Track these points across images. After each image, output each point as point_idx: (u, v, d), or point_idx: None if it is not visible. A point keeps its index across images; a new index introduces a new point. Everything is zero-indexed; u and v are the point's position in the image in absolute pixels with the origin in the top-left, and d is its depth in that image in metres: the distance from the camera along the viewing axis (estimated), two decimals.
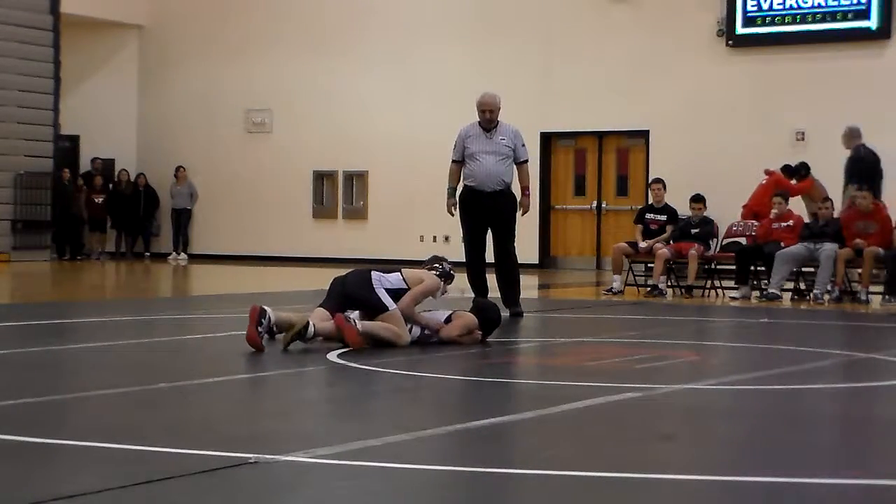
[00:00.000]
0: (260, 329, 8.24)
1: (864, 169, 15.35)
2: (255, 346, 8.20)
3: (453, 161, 11.93)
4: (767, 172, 16.95)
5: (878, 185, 15.35)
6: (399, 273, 8.77)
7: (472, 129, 11.85)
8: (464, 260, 12.04)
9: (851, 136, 15.85)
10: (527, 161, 12.02)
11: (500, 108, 11.80)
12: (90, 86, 25.78)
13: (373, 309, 8.53)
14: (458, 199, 11.91)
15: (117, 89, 25.84)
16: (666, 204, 16.06)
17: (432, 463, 4.81)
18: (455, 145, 11.92)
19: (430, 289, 8.79)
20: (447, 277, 9.00)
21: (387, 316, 8.54)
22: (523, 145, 11.96)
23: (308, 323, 8.33)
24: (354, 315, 8.45)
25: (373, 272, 8.72)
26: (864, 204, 14.50)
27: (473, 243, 11.87)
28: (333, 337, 8.43)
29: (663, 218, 15.94)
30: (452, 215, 12.02)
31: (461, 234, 12.17)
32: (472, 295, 11.86)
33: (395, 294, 8.67)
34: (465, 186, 11.86)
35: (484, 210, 11.71)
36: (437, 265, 9.01)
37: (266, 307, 8.35)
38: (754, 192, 16.64)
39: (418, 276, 8.79)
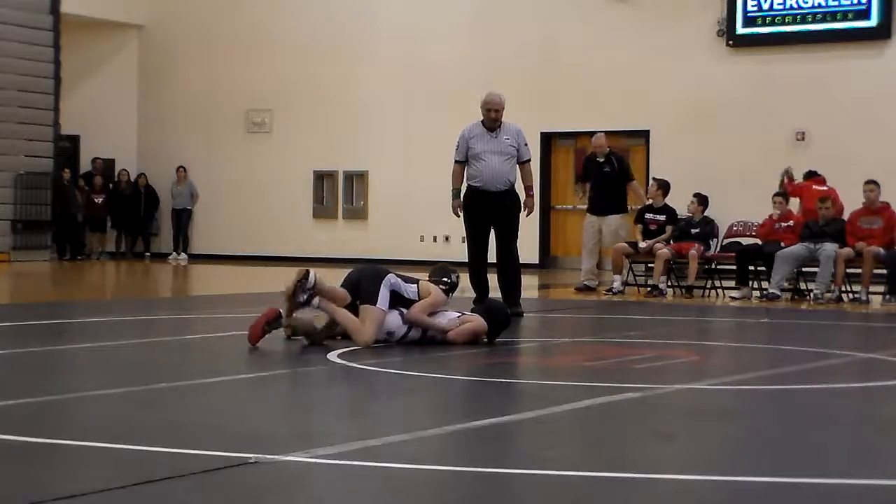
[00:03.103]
0: (266, 328, 8.30)
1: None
2: (254, 339, 8.25)
3: (456, 162, 11.84)
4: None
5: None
6: (416, 286, 8.78)
7: (476, 129, 11.76)
8: (463, 260, 12.02)
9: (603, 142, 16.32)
10: (530, 160, 11.99)
11: (504, 108, 11.77)
12: (90, 86, 25.78)
13: (365, 296, 8.54)
14: (462, 199, 11.87)
15: (117, 89, 25.83)
16: (665, 204, 16.06)
17: (432, 463, 4.81)
18: (458, 146, 11.83)
19: (437, 303, 8.80)
20: (453, 290, 9.07)
21: (365, 308, 8.54)
22: (526, 144, 11.90)
23: (308, 271, 8.39)
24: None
25: (391, 274, 8.72)
26: (872, 197, 14.51)
27: (476, 243, 11.82)
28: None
29: (662, 218, 15.93)
30: (458, 216, 11.97)
31: (463, 234, 12.14)
32: (473, 294, 11.85)
33: (404, 301, 8.68)
34: (470, 187, 11.78)
35: (489, 210, 11.65)
36: (445, 280, 9.01)
37: (282, 312, 8.41)
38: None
39: (427, 291, 8.82)
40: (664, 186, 16.14)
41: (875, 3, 19.13)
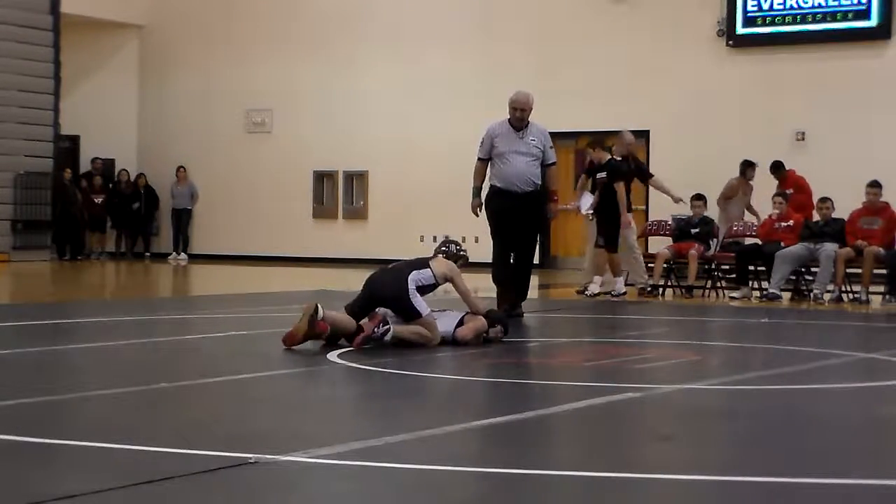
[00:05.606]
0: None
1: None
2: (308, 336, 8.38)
3: (479, 159, 11.53)
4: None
5: None
6: (429, 269, 8.81)
7: (502, 128, 11.43)
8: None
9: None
10: (555, 164, 11.70)
11: (532, 108, 11.43)
12: (90, 86, 25.77)
13: (406, 314, 8.61)
14: (484, 199, 11.55)
15: (117, 89, 25.83)
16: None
17: (432, 463, 4.81)
18: (482, 143, 11.52)
19: (460, 277, 8.97)
20: (458, 258, 9.13)
21: (422, 321, 8.62)
22: (552, 147, 11.60)
23: (317, 305, 8.37)
24: (386, 313, 8.55)
25: (410, 275, 8.71)
26: (874, 199, 14.51)
27: (502, 243, 11.49)
28: (341, 329, 8.48)
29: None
30: (478, 216, 11.67)
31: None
32: (488, 294, 11.64)
33: (423, 289, 8.75)
34: (493, 187, 11.46)
35: (512, 211, 11.32)
36: (455, 251, 9.17)
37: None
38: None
39: (443, 268, 8.90)
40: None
41: (875, 3, 19.13)
